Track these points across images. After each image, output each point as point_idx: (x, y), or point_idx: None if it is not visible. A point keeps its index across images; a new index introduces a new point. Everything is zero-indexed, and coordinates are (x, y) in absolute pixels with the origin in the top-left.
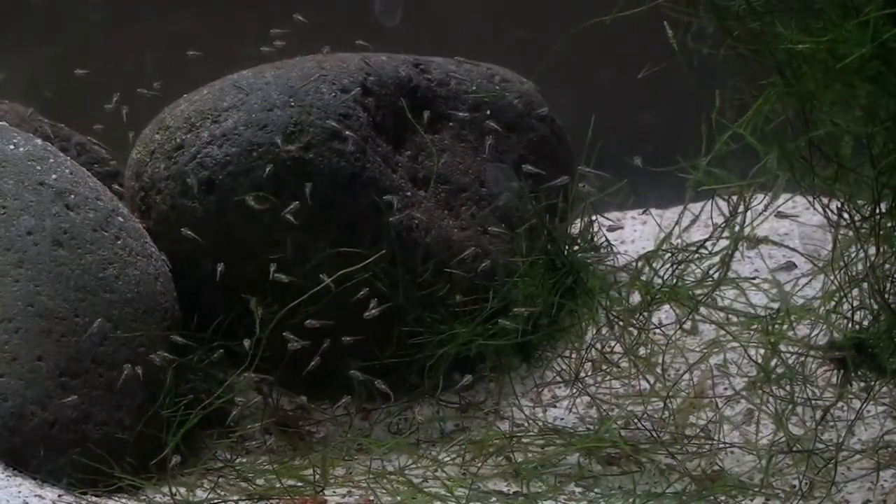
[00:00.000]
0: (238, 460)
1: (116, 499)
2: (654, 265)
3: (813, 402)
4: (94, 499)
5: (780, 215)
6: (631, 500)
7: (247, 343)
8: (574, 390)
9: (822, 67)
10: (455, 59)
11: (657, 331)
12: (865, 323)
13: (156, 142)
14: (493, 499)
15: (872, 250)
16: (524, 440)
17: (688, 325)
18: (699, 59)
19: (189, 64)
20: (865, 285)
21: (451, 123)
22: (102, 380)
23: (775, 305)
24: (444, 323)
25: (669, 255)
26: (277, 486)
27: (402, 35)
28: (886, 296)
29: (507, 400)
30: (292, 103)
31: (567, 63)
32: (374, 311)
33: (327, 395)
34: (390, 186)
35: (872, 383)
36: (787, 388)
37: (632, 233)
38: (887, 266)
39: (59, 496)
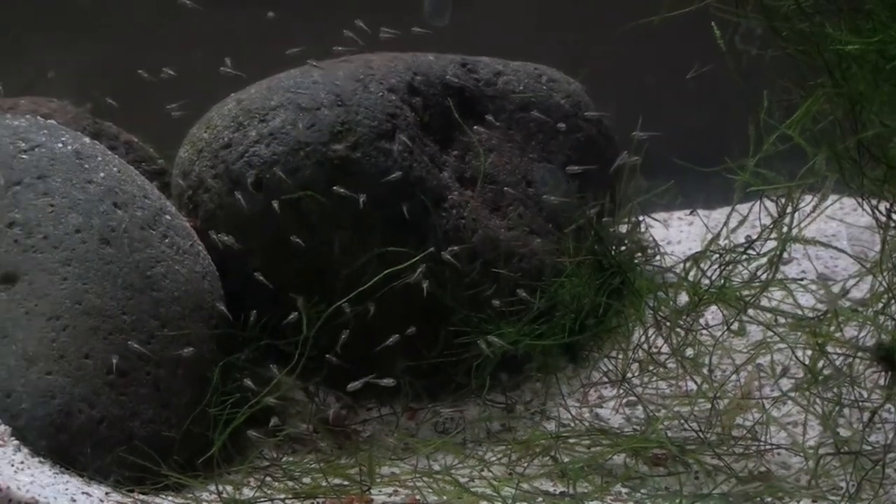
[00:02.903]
0: (285, 459)
1: (163, 496)
2: (701, 266)
3: (860, 403)
4: (140, 496)
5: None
6: (677, 500)
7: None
8: (621, 391)
9: (871, 68)
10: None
11: (704, 332)
12: None
13: (203, 140)
14: (540, 499)
15: None
16: (570, 440)
17: (735, 326)
18: (747, 60)
19: (237, 63)
20: None
21: (498, 123)
22: (149, 378)
23: (823, 307)
24: (491, 323)
25: (717, 255)
26: (324, 484)
27: (448, 35)
28: None
29: (554, 400)
30: (340, 103)
31: (615, 63)
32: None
33: (374, 395)
34: (437, 186)
35: None
36: (835, 389)
37: (678, 233)
38: None
39: (107, 494)
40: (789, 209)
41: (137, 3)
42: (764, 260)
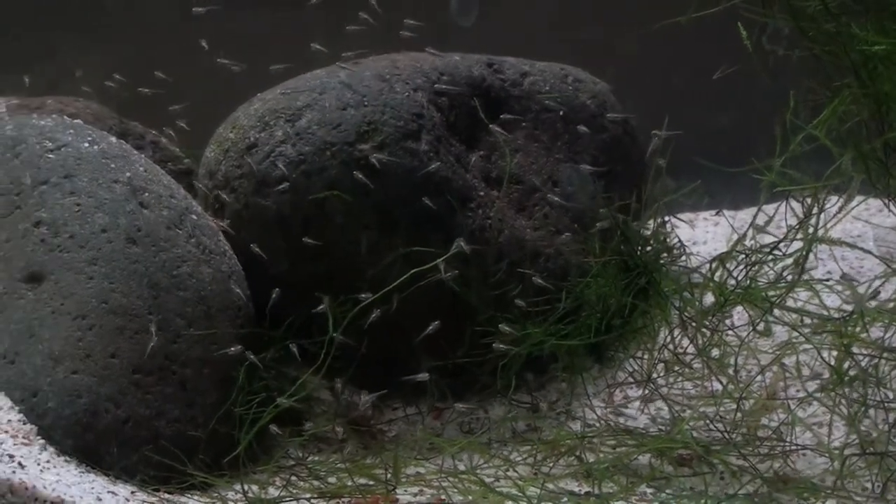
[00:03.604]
0: (310, 458)
1: (189, 496)
2: (727, 266)
3: (886, 404)
4: (166, 496)
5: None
6: (703, 501)
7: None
8: (646, 391)
9: None
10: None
11: (730, 332)
12: None
13: (229, 140)
14: (565, 499)
15: None
16: (596, 440)
17: (761, 327)
18: (774, 60)
19: (262, 62)
20: None
21: (524, 123)
22: (175, 377)
23: (848, 307)
24: (517, 323)
25: (743, 256)
26: (349, 484)
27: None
28: None
29: (579, 400)
30: (366, 103)
31: (641, 63)
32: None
33: (399, 395)
34: (463, 186)
35: None
36: (860, 390)
37: (704, 234)
38: None
39: (132, 493)
40: (815, 210)
41: (163, 2)
42: (790, 261)
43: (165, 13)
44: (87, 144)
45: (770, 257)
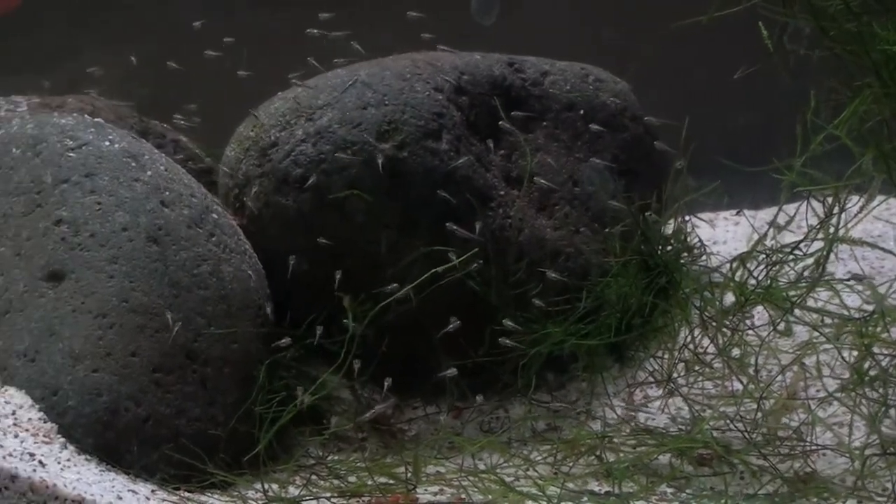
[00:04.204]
0: (330, 457)
1: (209, 494)
2: (748, 266)
3: None
4: (186, 494)
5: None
6: (723, 501)
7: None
8: (666, 391)
9: None
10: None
11: (750, 332)
12: None
13: (250, 139)
14: (585, 498)
15: None
16: (616, 440)
17: (781, 327)
18: (795, 60)
19: (282, 61)
20: None
21: (544, 123)
22: (196, 376)
23: (869, 307)
24: (537, 322)
25: (763, 256)
26: (369, 483)
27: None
28: None
29: (599, 400)
30: (386, 102)
31: (661, 63)
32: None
33: (419, 394)
34: (484, 185)
35: None
36: (881, 390)
37: (724, 233)
38: None
39: (153, 491)
40: (836, 210)
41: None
42: (810, 260)
43: (184, 13)
44: (107, 143)
45: (791, 257)
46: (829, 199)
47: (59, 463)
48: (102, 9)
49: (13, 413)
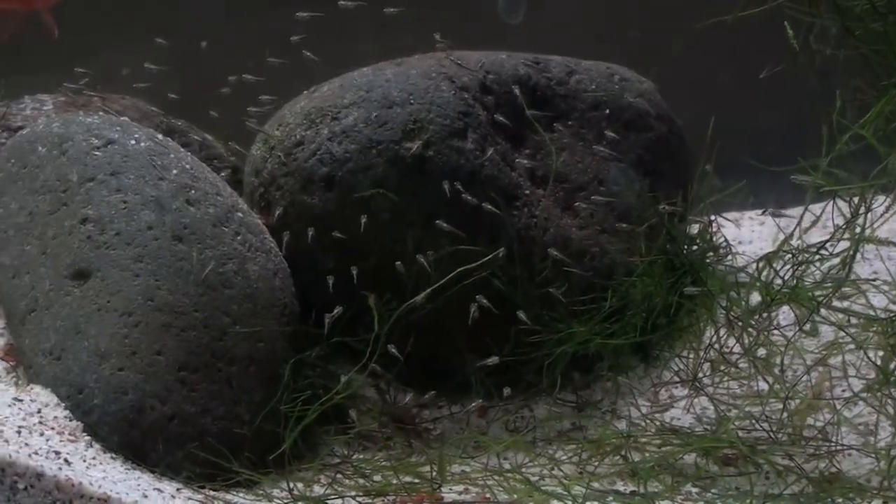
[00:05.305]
0: (355, 456)
1: (234, 493)
2: (774, 266)
3: None
4: (211, 493)
5: None
6: (748, 501)
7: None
8: (692, 390)
9: None
10: None
11: (776, 332)
12: None
13: (275, 138)
14: (610, 498)
15: None
16: (641, 440)
17: (807, 327)
18: (821, 60)
19: (307, 61)
20: None
21: (570, 122)
22: (221, 374)
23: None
24: (562, 321)
25: (789, 255)
26: (394, 482)
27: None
28: None
29: (625, 399)
30: (412, 101)
31: (687, 63)
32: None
33: (444, 393)
34: (509, 184)
35: None
36: None
37: (749, 233)
38: None
39: (178, 490)
40: (862, 209)
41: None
42: (836, 260)
43: (210, 12)
44: (133, 142)
45: (816, 257)
46: (856, 199)
47: (84, 461)
48: (129, 7)
49: (39, 411)
